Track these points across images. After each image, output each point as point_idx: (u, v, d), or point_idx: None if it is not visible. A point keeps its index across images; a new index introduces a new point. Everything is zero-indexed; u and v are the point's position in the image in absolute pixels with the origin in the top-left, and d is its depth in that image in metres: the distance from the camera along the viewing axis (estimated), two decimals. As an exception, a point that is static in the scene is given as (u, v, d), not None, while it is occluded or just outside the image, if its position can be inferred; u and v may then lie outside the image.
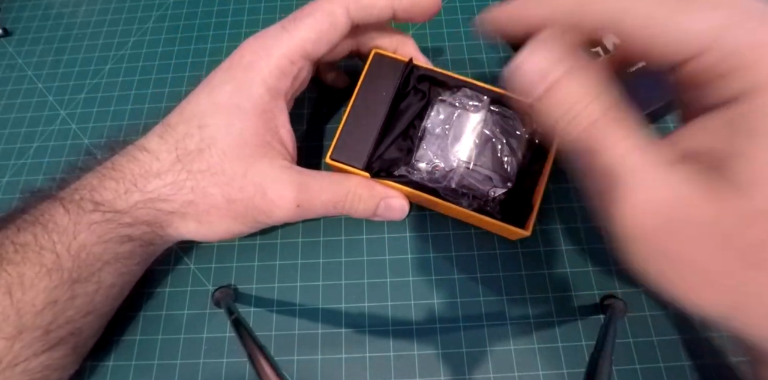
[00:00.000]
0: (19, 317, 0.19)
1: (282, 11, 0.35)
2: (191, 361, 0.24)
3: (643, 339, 0.23)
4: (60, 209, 0.20)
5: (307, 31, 0.21)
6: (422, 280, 0.25)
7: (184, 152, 0.21)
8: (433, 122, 0.24)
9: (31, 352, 0.19)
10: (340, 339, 0.24)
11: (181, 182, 0.21)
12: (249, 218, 0.22)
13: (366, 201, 0.23)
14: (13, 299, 0.19)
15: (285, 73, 0.22)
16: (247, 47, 0.22)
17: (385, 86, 0.23)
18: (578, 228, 0.26)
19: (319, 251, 0.26)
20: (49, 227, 0.20)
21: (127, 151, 0.22)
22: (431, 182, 0.23)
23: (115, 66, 0.33)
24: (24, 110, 0.32)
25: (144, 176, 0.21)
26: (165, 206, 0.21)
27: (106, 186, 0.21)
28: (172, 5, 0.36)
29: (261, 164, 0.22)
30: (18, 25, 0.36)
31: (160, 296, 0.26)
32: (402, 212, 0.24)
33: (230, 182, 0.21)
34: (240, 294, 0.25)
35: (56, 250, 0.20)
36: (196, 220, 0.22)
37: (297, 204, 0.22)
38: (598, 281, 0.25)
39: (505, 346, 0.23)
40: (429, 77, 0.23)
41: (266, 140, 0.22)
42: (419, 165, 0.23)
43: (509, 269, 0.25)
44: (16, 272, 0.19)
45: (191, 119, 0.22)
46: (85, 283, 0.20)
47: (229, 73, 0.22)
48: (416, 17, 0.22)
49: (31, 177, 0.29)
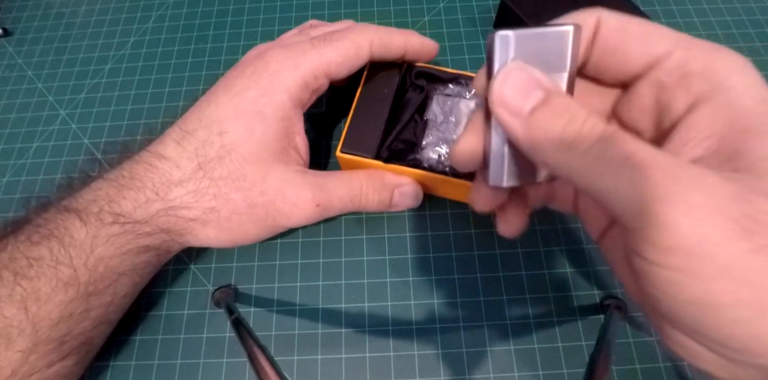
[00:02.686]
0: (35, 331, 0.19)
1: (282, 12, 0.35)
2: (191, 361, 0.24)
3: (643, 339, 0.23)
4: (76, 222, 0.20)
5: (335, 54, 0.22)
6: (422, 280, 0.25)
7: (205, 160, 0.21)
8: (433, 113, 0.25)
9: (45, 363, 0.19)
10: (340, 339, 0.24)
11: (203, 189, 0.21)
12: (269, 222, 0.22)
13: (380, 192, 0.24)
14: (29, 313, 0.19)
15: (308, 85, 0.23)
16: (273, 56, 0.22)
17: (385, 84, 0.25)
18: (578, 228, 0.26)
19: (319, 251, 0.26)
20: (65, 241, 0.20)
21: (142, 158, 0.22)
22: (439, 167, 0.24)
23: (115, 66, 0.33)
24: (24, 110, 0.32)
25: (166, 185, 0.21)
26: (186, 214, 0.21)
27: (125, 196, 0.21)
28: (172, 5, 0.36)
29: (278, 168, 0.22)
30: (18, 25, 0.36)
31: (160, 296, 0.26)
32: (417, 197, 0.25)
33: (251, 187, 0.22)
34: (240, 294, 0.25)
35: (73, 264, 0.20)
36: (216, 226, 0.22)
37: (316, 204, 0.22)
38: (598, 281, 0.25)
39: (505, 346, 0.23)
40: (425, 73, 0.25)
41: (283, 146, 0.23)
42: (426, 152, 0.24)
43: (509, 269, 0.25)
44: (31, 287, 0.19)
45: (211, 124, 0.22)
46: (101, 295, 0.21)
47: (253, 79, 0.22)
48: (421, 58, 0.25)
49: (31, 177, 0.29)
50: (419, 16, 0.34)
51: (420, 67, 0.25)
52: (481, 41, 0.32)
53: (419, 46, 0.24)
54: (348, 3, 0.35)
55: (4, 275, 0.19)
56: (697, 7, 0.33)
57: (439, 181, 0.23)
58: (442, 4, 0.34)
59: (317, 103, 0.30)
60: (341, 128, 0.30)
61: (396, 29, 0.24)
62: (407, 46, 0.24)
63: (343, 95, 0.30)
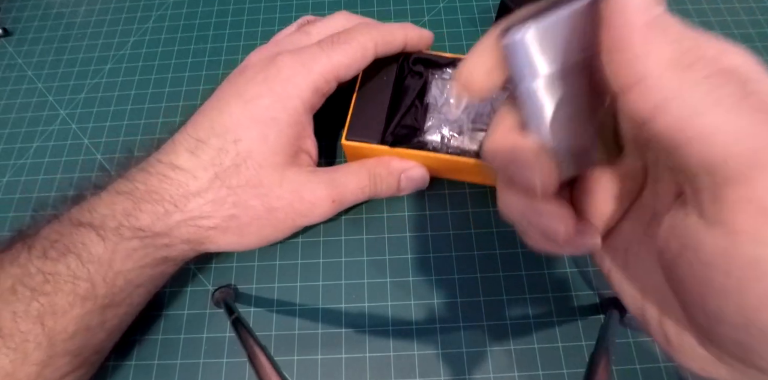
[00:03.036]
0: (50, 344, 0.19)
1: (282, 12, 0.35)
2: (191, 361, 0.24)
3: (643, 339, 0.23)
4: (94, 237, 0.20)
5: (344, 57, 0.22)
6: (422, 280, 0.25)
7: (221, 169, 0.21)
8: (433, 96, 0.25)
9: (59, 375, 0.19)
10: (340, 339, 0.24)
11: (222, 198, 0.21)
12: (288, 223, 0.23)
13: (386, 178, 0.24)
14: (45, 328, 0.19)
15: (318, 89, 0.23)
16: (285, 62, 0.22)
17: (384, 73, 0.25)
18: (578, 228, 0.26)
19: (319, 251, 0.26)
20: (83, 256, 0.20)
21: (155, 169, 0.22)
22: (443, 148, 0.24)
23: (115, 66, 0.33)
24: (24, 110, 0.32)
25: (184, 196, 0.21)
26: (206, 223, 0.21)
27: (142, 209, 0.21)
28: (172, 5, 0.36)
29: (292, 171, 0.23)
30: (18, 25, 0.36)
31: (160, 296, 0.26)
32: (424, 180, 0.25)
33: (268, 192, 0.22)
34: (240, 294, 0.25)
35: (91, 279, 0.20)
36: (236, 233, 0.22)
37: (332, 200, 0.23)
38: (598, 281, 0.25)
39: (505, 346, 0.23)
40: (422, 60, 0.26)
41: (295, 150, 0.23)
42: (430, 136, 0.24)
43: (509, 269, 0.25)
44: (48, 302, 0.19)
45: (224, 133, 0.22)
46: (117, 307, 0.21)
47: (266, 86, 0.22)
48: (419, 49, 0.26)
49: (31, 177, 0.29)
50: (419, 16, 0.34)
51: (417, 53, 0.26)
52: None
53: (417, 39, 0.25)
54: (348, 3, 0.35)
55: (19, 290, 0.19)
56: (697, 7, 0.33)
57: (445, 161, 0.24)
58: (442, 4, 0.34)
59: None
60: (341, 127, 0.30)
61: (395, 25, 0.24)
62: (407, 41, 0.24)
63: (342, 94, 0.30)
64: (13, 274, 0.19)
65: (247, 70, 0.23)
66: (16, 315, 0.18)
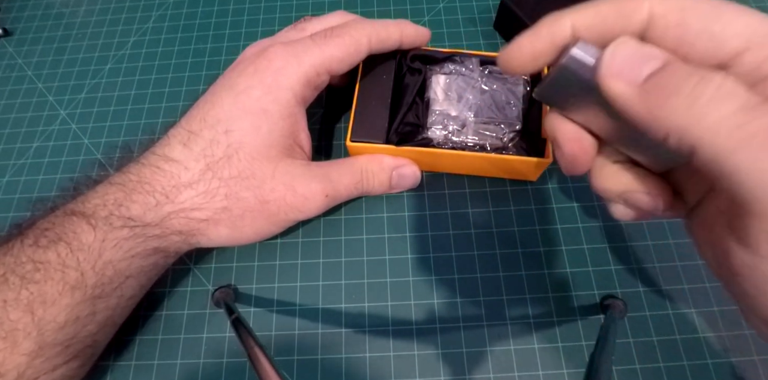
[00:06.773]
0: (40, 334, 0.19)
1: (282, 12, 0.35)
2: (191, 361, 0.24)
3: (643, 339, 0.23)
4: (85, 226, 0.20)
5: (336, 50, 0.22)
6: (422, 280, 0.25)
7: (213, 160, 0.21)
8: (434, 92, 0.25)
9: (50, 366, 0.19)
10: (340, 339, 0.24)
11: (213, 190, 0.21)
12: (281, 216, 0.23)
13: (378, 175, 0.24)
14: (35, 317, 0.19)
15: (310, 82, 0.23)
16: (276, 53, 0.22)
17: (383, 71, 0.25)
18: (578, 228, 0.26)
19: (319, 251, 0.26)
20: (73, 245, 0.20)
21: (149, 161, 0.22)
22: (448, 144, 0.24)
23: (115, 66, 0.33)
24: (24, 110, 0.32)
25: (176, 188, 0.21)
26: (198, 215, 0.21)
27: (134, 199, 0.21)
28: (172, 5, 0.36)
29: (285, 164, 0.22)
30: (18, 25, 0.36)
31: (160, 296, 0.26)
32: (415, 178, 0.26)
33: (261, 184, 0.22)
34: (240, 294, 0.25)
35: (81, 268, 0.20)
36: (229, 225, 0.22)
37: (325, 195, 0.23)
38: (598, 281, 0.25)
39: (505, 346, 0.23)
40: (420, 56, 0.26)
41: (289, 143, 0.23)
42: (433, 131, 0.24)
43: (509, 269, 0.25)
44: (38, 291, 0.19)
45: (216, 124, 0.22)
46: (107, 298, 0.21)
47: (257, 78, 0.22)
48: (416, 46, 0.26)
49: (31, 177, 0.29)
50: (419, 16, 0.34)
51: (414, 50, 0.26)
52: (481, 41, 0.32)
53: (414, 36, 0.25)
54: (348, 3, 0.35)
55: (10, 278, 0.19)
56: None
57: (451, 156, 0.24)
58: (442, 4, 0.34)
59: (316, 103, 0.30)
60: (341, 127, 0.30)
61: (391, 21, 0.24)
62: (403, 38, 0.24)
63: (342, 94, 0.30)
64: (5, 263, 0.19)
65: (239, 63, 0.24)
66: (6, 303, 0.18)
